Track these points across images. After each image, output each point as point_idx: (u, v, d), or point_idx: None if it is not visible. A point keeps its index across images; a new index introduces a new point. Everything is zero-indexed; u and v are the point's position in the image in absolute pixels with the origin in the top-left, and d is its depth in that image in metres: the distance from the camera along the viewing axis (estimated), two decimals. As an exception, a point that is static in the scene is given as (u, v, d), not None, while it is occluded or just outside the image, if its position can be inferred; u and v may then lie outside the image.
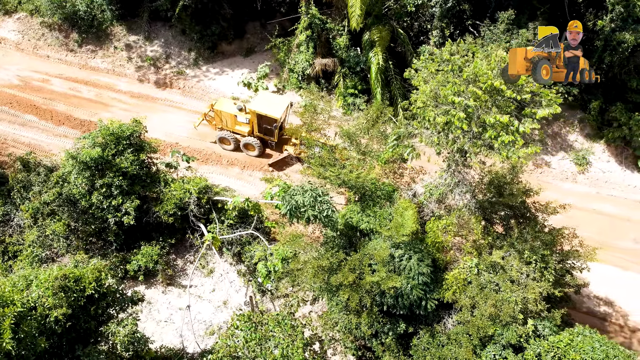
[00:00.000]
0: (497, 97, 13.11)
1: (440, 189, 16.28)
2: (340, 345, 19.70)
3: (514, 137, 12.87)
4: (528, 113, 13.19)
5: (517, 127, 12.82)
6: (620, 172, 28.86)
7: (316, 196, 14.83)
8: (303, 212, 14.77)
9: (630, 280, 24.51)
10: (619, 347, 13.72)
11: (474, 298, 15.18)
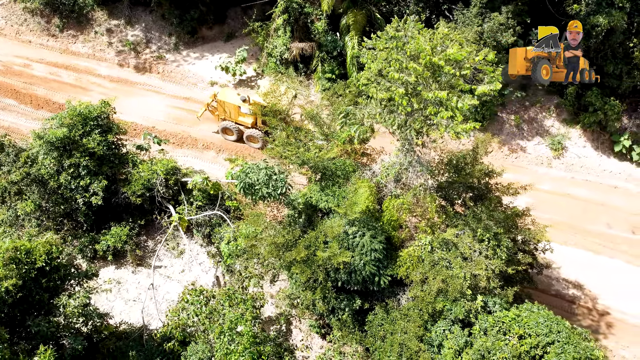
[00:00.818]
0: (440, 74, 13.11)
1: (395, 168, 16.36)
2: (305, 325, 19.93)
3: (453, 113, 12.90)
4: (467, 89, 13.21)
5: (455, 102, 12.84)
6: (596, 157, 28.87)
7: (270, 174, 14.95)
8: (257, 189, 14.88)
9: (601, 264, 24.62)
10: (565, 322, 13.86)
11: (425, 274, 15.31)
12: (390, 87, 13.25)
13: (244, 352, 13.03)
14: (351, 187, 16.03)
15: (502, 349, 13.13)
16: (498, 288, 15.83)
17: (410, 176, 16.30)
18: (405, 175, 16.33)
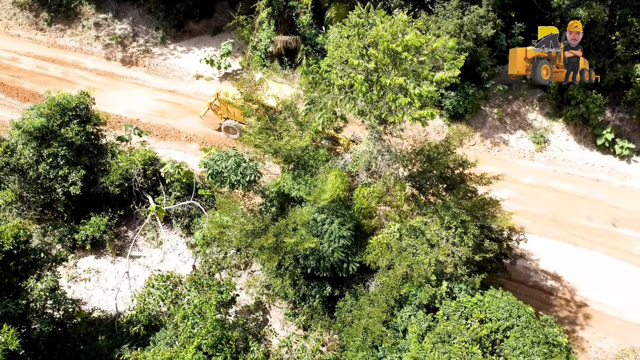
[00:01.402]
0: (399, 61, 13.18)
1: (365, 157, 16.46)
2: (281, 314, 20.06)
3: (411, 99, 12.98)
4: (425, 76, 13.29)
5: (413, 88, 12.93)
6: (578, 151, 28.94)
7: (239, 162, 15.07)
8: (225, 177, 15.00)
9: (580, 256, 24.70)
10: (526, 307, 13.96)
11: (391, 260, 15.43)
12: (350, 74, 13.36)
13: (206, 336, 13.17)
14: (321, 176, 16.14)
15: (462, 333, 13.25)
16: (466, 275, 15.93)
17: (380, 165, 16.40)
18: (375, 164, 16.43)
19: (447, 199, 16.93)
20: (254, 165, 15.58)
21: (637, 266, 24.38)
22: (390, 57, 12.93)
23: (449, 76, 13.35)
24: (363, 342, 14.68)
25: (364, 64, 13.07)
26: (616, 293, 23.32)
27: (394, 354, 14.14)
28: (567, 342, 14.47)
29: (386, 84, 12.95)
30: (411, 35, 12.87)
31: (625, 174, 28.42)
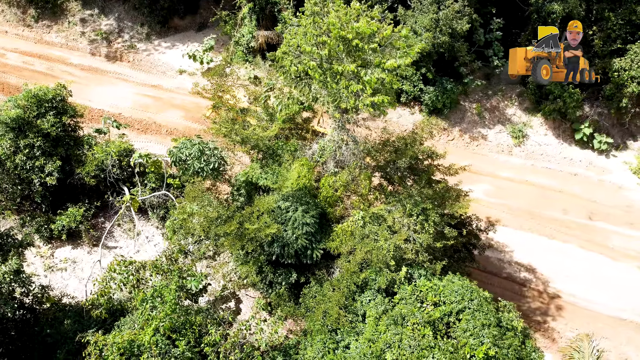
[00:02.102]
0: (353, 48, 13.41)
1: (330, 146, 16.71)
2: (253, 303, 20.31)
3: (363, 85, 13.22)
4: (377, 63, 13.51)
5: (363, 75, 13.17)
6: (557, 145, 29.17)
7: (203, 149, 15.31)
8: (189, 164, 15.25)
9: (555, 248, 24.90)
10: (479, 291, 14.16)
11: (352, 246, 15.66)
12: (303, 60, 13.61)
13: (164, 319, 13.41)
14: (286, 165, 16.40)
15: (415, 315, 13.47)
16: (427, 262, 16.15)
17: (345, 154, 16.64)
18: (340, 153, 16.68)
19: (411, 188, 17.15)
20: (218, 153, 15.83)
21: (611, 259, 24.58)
22: (344, 45, 13.18)
23: (401, 63, 13.57)
24: (322, 326, 14.92)
25: (317, 51, 13.33)
26: (589, 285, 23.52)
27: (352, 337, 14.37)
28: (523, 327, 14.70)
29: (338, 70, 13.20)
30: (362, 22, 13.11)
31: (604, 168, 28.65)
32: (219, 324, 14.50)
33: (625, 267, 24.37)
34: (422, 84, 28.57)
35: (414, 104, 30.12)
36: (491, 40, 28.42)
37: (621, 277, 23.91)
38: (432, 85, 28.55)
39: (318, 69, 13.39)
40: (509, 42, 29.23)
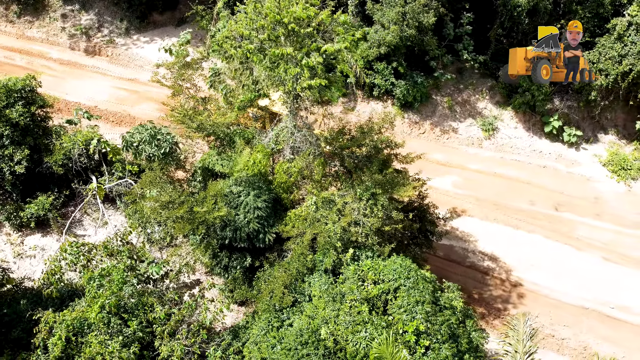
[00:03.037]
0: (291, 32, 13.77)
1: (284, 132, 17.09)
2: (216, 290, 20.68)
3: (301, 69, 13.59)
4: (314, 47, 13.88)
5: (300, 58, 13.54)
6: (527, 138, 29.54)
7: (154, 134, 15.70)
8: (140, 148, 15.62)
9: (520, 238, 25.24)
10: (418, 271, 14.45)
11: (302, 230, 16.02)
12: (242, 43, 14.02)
13: (110, 296, 13.79)
14: (237, 150, 16.78)
15: (354, 293, 13.84)
16: (376, 245, 16.50)
17: (297, 140, 17.02)
18: (293, 139, 17.05)
19: (364, 174, 17.52)
20: (170, 138, 16.21)
21: (576, 249, 24.92)
22: (284, 29, 13.56)
23: (337, 48, 13.93)
24: (268, 305, 15.28)
25: (255, 35, 13.73)
26: (553, 274, 23.85)
27: (296, 316, 14.73)
28: (463, 306, 15.05)
29: (274, 54, 13.59)
30: (299, 6, 13.49)
31: (573, 161, 29.02)
32: (164, 303, 14.87)
33: (590, 257, 24.70)
34: (393, 77, 28.95)
35: (386, 98, 30.49)
36: (461, 35, 28.80)
37: (585, 267, 24.24)
38: (403, 79, 28.93)
39: (257, 53, 13.78)
40: (480, 37, 29.64)
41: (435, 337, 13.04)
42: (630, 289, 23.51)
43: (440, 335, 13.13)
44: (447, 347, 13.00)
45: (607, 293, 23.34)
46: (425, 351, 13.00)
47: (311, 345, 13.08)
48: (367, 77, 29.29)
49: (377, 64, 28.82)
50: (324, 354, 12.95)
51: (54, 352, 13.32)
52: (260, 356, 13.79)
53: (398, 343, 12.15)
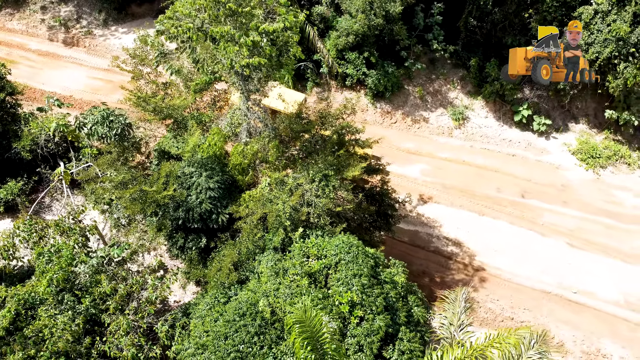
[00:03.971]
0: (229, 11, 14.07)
1: (236, 115, 17.41)
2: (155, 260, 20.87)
3: (240, 47, 13.90)
4: (253, 27, 14.17)
5: (238, 37, 13.85)
6: (497, 127, 29.83)
7: (106, 115, 16.02)
8: (92, 129, 15.95)
9: (485, 224, 25.58)
10: (361, 246, 14.75)
11: (253, 209, 16.35)
12: (182, 22, 14.34)
13: (58, 271, 14.14)
14: (189, 132, 17.12)
15: (296, 268, 14.17)
16: (328, 225, 16.83)
17: (252, 123, 17.35)
18: (246, 121, 17.38)
19: (317, 157, 17.85)
20: (123, 120, 16.54)
21: (540, 235, 25.26)
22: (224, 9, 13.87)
23: (275, 27, 14.21)
24: (216, 282, 15.62)
25: (195, 14, 14.07)
26: (516, 259, 24.19)
27: (243, 292, 15.06)
28: (405, 282, 15.37)
29: (214, 32, 13.91)
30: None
31: (543, 149, 29.32)
32: (113, 280, 15.21)
33: (554, 242, 25.04)
34: (365, 67, 29.24)
35: (359, 88, 30.79)
36: (432, 25, 29.07)
37: (549, 253, 24.58)
38: (375, 69, 29.22)
39: (198, 32, 14.11)
40: (451, 27, 29.90)
41: (369, 309, 13.36)
42: (594, 274, 23.85)
43: (375, 307, 13.45)
44: (382, 318, 13.33)
45: (570, 278, 23.69)
46: (360, 322, 13.34)
47: (249, 317, 13.42)
48: (339, 67, 29.62)
49: (349, 54, 29.11)
50: (260, 325, 13.28)
51: (2, 324, 13.66)
52: (203, 329, 14.13)
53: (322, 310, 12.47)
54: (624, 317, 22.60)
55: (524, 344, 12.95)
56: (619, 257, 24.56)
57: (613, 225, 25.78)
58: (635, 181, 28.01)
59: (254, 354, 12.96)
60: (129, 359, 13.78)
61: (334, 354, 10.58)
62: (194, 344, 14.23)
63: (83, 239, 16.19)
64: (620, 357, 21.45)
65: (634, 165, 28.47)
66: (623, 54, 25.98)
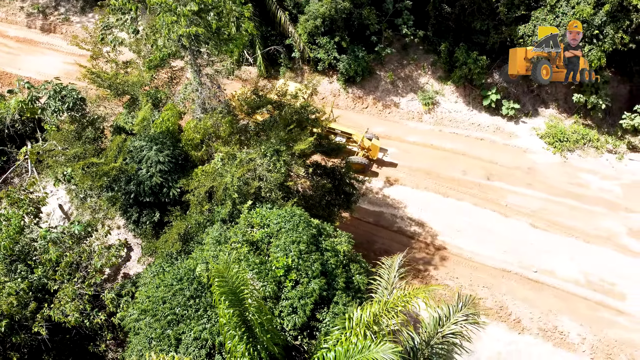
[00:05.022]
0: None
1: (188, 89, 17.75)
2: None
3: (178, 18, 14.23)
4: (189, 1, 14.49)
5: (175, 7, 14.18)
6: (466, 112, 30.12)
7: (59, 90, 16.37)
8: (45, 103, 16.30)
9: (449, 205, 25.90)
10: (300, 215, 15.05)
11: (201, 182, 16.69)
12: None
13: (5, 238, 14.53)
14: (141, 106, 17.46)
15: (237, 235, 14.53)
16: (280, 200, 17.16)
17: (202, 97, 17.68)
18: (200, 96, 17.71)
19: (270, 132, 18.17)
20: (75, 94, 16.89)
21: (503, 215, 25.57)
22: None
23: (215, 0, 14.52)
24: (163, 253, 15.99)
25: (135, -14, 14.46)
26: (477, 239, 24.52)
27: (187, 261, 15.42)
28: (348, 251, 15.65)
29: (152, 3, 14.26)
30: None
31: (511, 133, 29.62)
32: (56, 243, 15.56)
33: (517, 223, 25.35)
34: (336, 52, 29.55)
35: (332, 73, 31.11)
36: (401, 10, 29.34)
37: (511, 233, 24.88)
38: (346, 54, 29.52)
39: (137, 3, 14.47)
40: (422, 12, 30.18)
41: (305, 273, 13.69)
42: (555, 254, 24.17)
43: (312, 271, 13.77)
44: (317, 282, 13.65)
45: (531, 257, 24.02)
46: (295, 285, 13.69)
47: (186, 281, 13.77)
48: (311, 51, 29.93)
49: (320, 39, 29.43)
50: (197, 289, 13.64)
51: (-51, 290, 14.06)
52: (145, 295, 14.50)
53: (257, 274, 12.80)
54: (584, 296, 22.91)
55: (453, 306, 13.28)
56: (581, 238, 24.86)
57: (577, 206, 26.08)
58: (602, 164, 28.31)
59: (189, 316, 13.32)
60: (72, 323, 14.15)
61: (254, 310, 10.92)
62: (136, 310, 14.61)
63: (33, 209, 16.56)
64: (577, 334, 21.78)
65: (602, 148, 28.75)
66: (587, 36, 26.27)
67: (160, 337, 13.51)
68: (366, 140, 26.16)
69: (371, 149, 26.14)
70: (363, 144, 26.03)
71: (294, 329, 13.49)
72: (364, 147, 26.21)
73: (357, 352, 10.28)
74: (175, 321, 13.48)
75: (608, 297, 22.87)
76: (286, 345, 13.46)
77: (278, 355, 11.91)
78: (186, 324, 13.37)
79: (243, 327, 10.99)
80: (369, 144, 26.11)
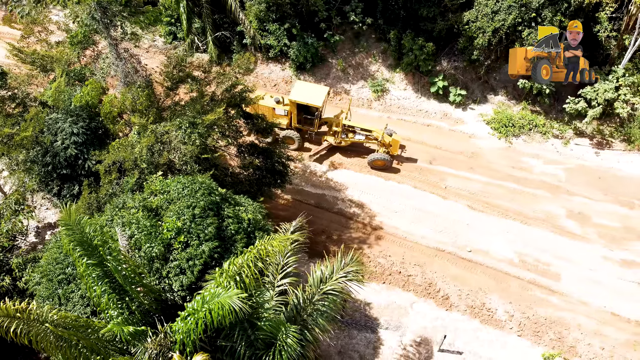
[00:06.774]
0: None
1: (106, 63, 18.14)
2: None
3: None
4: None
5: None
6: (415, 99, 30.45)
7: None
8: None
9: (389, 188, 26.19)
10: (204, 183, 15.39)
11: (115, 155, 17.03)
12: None
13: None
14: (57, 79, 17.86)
15: (135, 201, 14.86)
16: (196, 172, 17.48)
17: (119, 70, 18.07)
18: (115, 70, 18.10)
19: (186, 107, 18.52)
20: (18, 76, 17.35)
21: (442, 198, 25.84)
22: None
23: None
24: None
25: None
26: (414, 219, 24.79)
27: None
28: (254, 219, 15.94)
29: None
30: None
31: (458, 120, 29.92)
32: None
33: (455, 205, 25.61)
34: (287, 39, 29.92)
35: (284, 60, 31.48)
36: (350, -4, 29.73)
37: (448, 214, 25.12)
38: (296, 41, 29.89)
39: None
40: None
41: (196, 236, 14.00)
42: (491, 235, 24.42)
43: (204, 234, 14.08)
44: (208, 244, 13.97)
45: (466, 238, 24.27)
46: (185, 247, 14.00)
47: (77, 242, 14.08)
48: (262, 38, 30.31)
49: (271, 25, 29.82)
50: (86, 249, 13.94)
51: None
52: (45, 259, 14.84)
53: (146, 236, 13.10)
54: (516, 275, 23.13)
55: (337, 265, 13.57)
56: (519, 219, 25.11)
57: (518, 189, 26.35)
58: (547, 149, 28.60)
59: (79, 275, 13.62)
60: (-27, 286, 14.48)
61: (112, 260, 11.23)
62: (38, 273, 14.94)
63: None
64: (505, 311, 21.99)
65: (548, 134, 29.04)
66: (526, 20, 26.60)
67: (51, 297, 13.82)
68: (386, 137, 26.21)
69: (392, 145, 26.22)
70: (384, 140, 26.13)
71: (181, 289, 13.81)
72: (385, 143, 26.28)
73: (211, 299, 10.59)
74: (65, 280, 13.79)
75: (542, 277, 23.08)
76: (174, 303, 13.78)
77: (150, 308, 12.20)
78: (75, 284, 13.67)
79: (106, 279, 11.30)
80: (389, 140, 26.16)
